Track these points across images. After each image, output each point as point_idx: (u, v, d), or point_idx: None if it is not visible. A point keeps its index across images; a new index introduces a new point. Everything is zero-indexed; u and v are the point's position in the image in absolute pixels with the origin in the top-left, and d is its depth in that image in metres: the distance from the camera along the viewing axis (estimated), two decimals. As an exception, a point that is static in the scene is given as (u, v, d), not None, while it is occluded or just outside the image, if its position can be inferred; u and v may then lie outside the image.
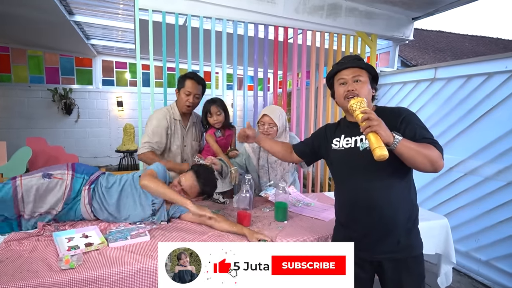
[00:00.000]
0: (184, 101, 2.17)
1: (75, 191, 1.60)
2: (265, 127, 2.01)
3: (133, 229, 1.55)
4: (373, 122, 1.13)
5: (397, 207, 1.28)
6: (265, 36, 3.12)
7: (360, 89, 1.30)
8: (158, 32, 2.84)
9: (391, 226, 1.28)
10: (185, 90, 2.16)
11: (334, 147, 1.41)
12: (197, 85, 2.17)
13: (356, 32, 3.33)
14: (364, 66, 1.32)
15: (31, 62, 6.00)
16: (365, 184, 1.29)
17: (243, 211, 1.68)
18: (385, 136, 1.12)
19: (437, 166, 1.17)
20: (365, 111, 1.16)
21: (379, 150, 1.09)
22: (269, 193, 2.12)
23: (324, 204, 2.12)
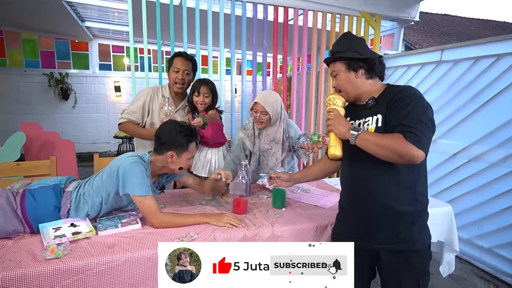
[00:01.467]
0: (173, 78, 2.08)
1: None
2: (257, 115, 1.94)
3: (124, 217, 1.49)
4: (329, 122, 1.20)
5: (395, 197, 1.20)
6: (264, 18, 2.99)
7: (338, 83, 1.29)
8: (152, 13, 2.71)
9: (389, 215, 1.22)
10: (173, 67, 2.08)
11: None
12: (185, 61, 2.08)
13: (360, 13, 3.19)
14: (334, 59, 1.28)
15: (26, 45, 5.86)
16: (363, 170, 1.25)
17: (239, 198, 1.61)
18: (338, 134, 1.18)
19: (408, 158, 1.07)
20: (330, 110, 1.24)
21: (332, 149, 1.18)
22: (265, 181, 2.04)
23: (323, 190, 2.06)
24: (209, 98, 2.12)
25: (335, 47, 1.30)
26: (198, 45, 2.86)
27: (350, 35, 1.32)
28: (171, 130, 1.49)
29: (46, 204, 1.37)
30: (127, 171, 1.39)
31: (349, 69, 1.25)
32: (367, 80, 1.26)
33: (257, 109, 1.93)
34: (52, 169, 2.10)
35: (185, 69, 2.07)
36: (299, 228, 1.47)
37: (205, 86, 2.10)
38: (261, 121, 1.94)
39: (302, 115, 3.25)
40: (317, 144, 1.73)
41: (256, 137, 2.06)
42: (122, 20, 4.72)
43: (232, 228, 1.44)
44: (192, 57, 2.13)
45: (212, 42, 2.88)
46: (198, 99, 2.11)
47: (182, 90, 2.14)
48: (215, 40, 2.88)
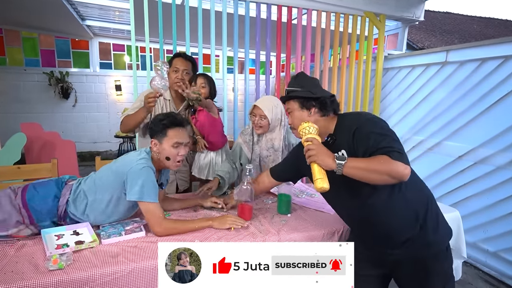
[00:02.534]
0: (173, 78, 2.03)
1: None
2: (256, 119, 1.89)
3: (128, 223, 1.46)
4: (310, 152, 1.12)
5: (397, 213, 1.18)
6: (267, 17, 2.95)
7: (293, 121, 1.31)
8: (154, 12, 2.68)
9: (400, 232, 1.19)
10: (173, 67, 2.04)
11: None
12: (184, 61, 2.04)
13: (364, 12, 3.15)
14: (288, 97, 1.31)
15: (26, 44, 5.82)
16: (353, 202, 1.23)
17: (244, 204, 1.59)
18: (324, 165, 1.10)
19: (399, 177, 1.06)
20: (307, 139, 1.16)
21: (319, 182, 1.08)
22: (271, 185, 2.02)
23: (329, 195, 2.03)
24: (206, 89, 2.09)
25: (290, 85, 1.33)
26: (201, 44, 2.82)
27: (303, 75, 1.35)
28: (155, 119, 1.50)
29: (46, 193, 1.38)
30: (137, 177, 1.36)
31: (302, 107, 1.28)
32: (320, 118, 1.27)
33: (256, 113, 1.89)
34: (53, 172, 2.07)
35: (185, 69, 2.03)
36: (306, 236, 1.45)
37: (202, 77, 2.10)
38: (259, 125, 1.89)
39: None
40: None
41: (255, 144, 2.01)
42: (123, 18, 4.67)
43: (238, 229, 1.44)
44: (192, 58, 2.09)
45: (215, 41, 2.85)
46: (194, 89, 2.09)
47: (180, 89, 2.05)
48: (217, 39, 2.84)
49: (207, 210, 1.70)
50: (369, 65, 3.28)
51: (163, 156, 1.46)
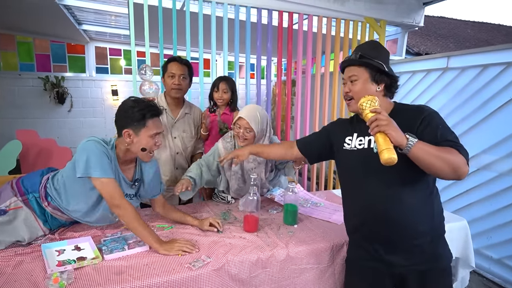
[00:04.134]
0: (169, 84, 1.99)
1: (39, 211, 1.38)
2: (241, 131, 1.75)
3: (129, 237, 1.41)
4: (381, 122, 1.01)
5: (419, 215, 1.15)
6: (268, 22, 2.92)
7: (354, 90, 1.19)
8: (154, 17, 2.64)
9: (413, 236, 1.16)
10: (168, 73, 1.98)
11: (346, 146, 1.27)
12: (180, 65, 1.98)
13: (365, 18, 3.14)
14: (360, 62, 1.18)
15: (20, 48, 5.73)
16: (380, 190, 1.16)
17: (250, 215, 1.54)
18: (395, 137, 1.00)
19: (460, 173, 1.03)
20: (375, 110, 1.05)
21: (387, 152, 0.98)
22: (274, 194, 1.99)
23: (333, 203, 1.99)
24: (228, 94, 2.14)
25: (361, 50, 1.20)
26: (201, 49, 2.78)
27: (379, 44, 1.24)
28: (124, 106, 1.37)
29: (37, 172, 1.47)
30: (82, 151, 1.29)
31: (372, 79, 1.17)
32: (383, 97, 1.19)
33: (241, 125, 1.74)
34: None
35: (181, 74, 1.98)
36: (315, 249, 1.41)
37: (224, 82, 2.12)
38: (244, 137, 1.76)
39: (306, 119, 3.19)
40: None
41: None
42: (119, 23, 4.62)
43: (245, 241, 1.40)
44: (187, 61, 2.05)
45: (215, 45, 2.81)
46: (217, 95, 2.14)
47: (179, 95, 2.04)
48: (218, 44, 2.81)
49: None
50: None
51: (137, 147, 1.37)
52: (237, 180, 1.90)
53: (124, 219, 1.32)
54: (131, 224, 1.31)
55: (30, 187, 1.39)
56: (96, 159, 1.28)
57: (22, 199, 1.37)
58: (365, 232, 1.24)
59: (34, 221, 1.36)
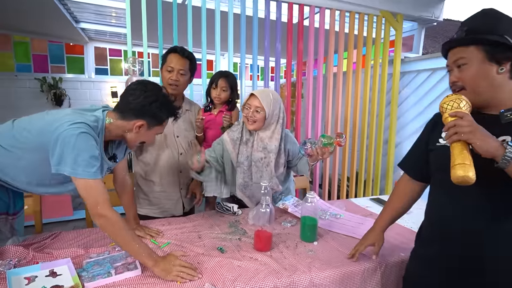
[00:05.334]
0: (166, 79, 1.75)
1: None
2: (250, 111, 1.58)
3: (117, 258, 1.17)
4: (462, 129, 0.77)
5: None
6: (277, 18, 2.69)
7: (465, 76, 0.89)
8: (153, 13, 2.42)
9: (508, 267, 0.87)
10: (166, 66, 1.74)
11: (441, 142, 0.98)
12: (181, 58, 1.74)
13: (380, 12, 2.91)
14: (467, 41, 0.89)
15: (17, 48, 5.54)
16: (478, 206, 0.88)
17: (263, 231, 1.30)
18: (483, 146, 0.75)
19: None
20: (456, 114, 0.80)
21: (460, 169, 0.75)
22: (288, 204, 1.74)
23: (355, 215, 1.74)
24: (227, 93, 1.92)
25: (469, 24, 0.92)
26: (205, 48, 2.56)
27: (494, 11, 0.92)
28: (151, 96, 1.18)
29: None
30: (70, 144, 1.05)
31: (490, 59, 0.87)
32: (510, 81, 0.88)
33: (251, 104, 1.59)
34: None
35: (180, 69, 1.73)
36: (343, 273, 1.16)
37: (224, 79, 1.89)
38: (253, 119, 1.58)
39: (318, 121, 2.95)
40: (328, 147, 1.43)
41: (243, 143, 1.68)
42: (120, 21, 4.42)
43: (257, 264, 1.15)
44: (190, 54, 1.80)
45: (220, 44, 2.59)
46: (214, 92, 1.92)
47: (175, 92, 1.79)
48: (223, 43, 2.59)
49: (220, 234, 1.41)
50: (385, 69, 3.03)
51: (138, 138, 1.24)
52: (242, 173, 1.67)
53: (108, 230, 1.09)
54: (118, 236, 1.09)
55: None
56: (86, 157, 1.06)
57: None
58: (449, 258, 0.95)
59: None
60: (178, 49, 1.76)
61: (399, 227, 1.54)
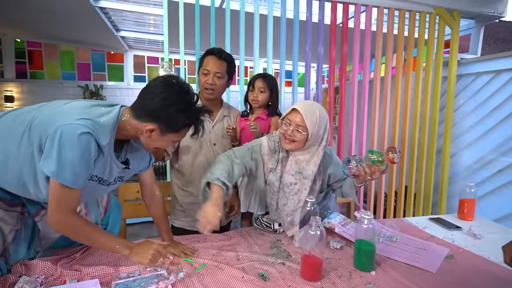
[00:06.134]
0: (202, 82, 1.64)
1: None
2: (290, 128, 1.34)
3: (148, 281, 1.04)
4: None
5: None
6: (320, 20, 2.51)
7: None
8: (190, 18, 2.35)
9: None
10: (203, 69, 1.64)
11: None
12: (218, 60, 1.62)
13: (434, 9, 2.64)
14: None
15: (63, 58, 5.84)
16: None
17: (311, 255, 1.12)
18: None
19: None
20: None
21: None
22: (334, 222, 1.54)
23: (413, 238, 1.51)
24: (265, 94, 1.77)
25: None
26: (243, 54, 2.44)
27: None
28: (170, 98, 1.02)
29: None
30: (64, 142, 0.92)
31: None
32: None
33: (292, 121, 1.34)
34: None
35: (217, 72, 1.62)
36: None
37: (261, 79, 1.75)
38: (292, 139, 1.35)
39: (363, 133, 2.72)
40: (378, 165, 1.22)
41: (279, 162, 1.46)
42: (158, 28, 4.48)
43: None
44: (228, 56, 1.67)
45: (258, 50, 2.46)
46: (251, 94, 1.78)
47: (212, 97, 1.68)
48: (262, 48, 2.46)
49: (261, 256, 1.25)
50: (439, 71, 2.74)
51: (150, 144, 1.10)
52: (272, 193, 1.48)
53: (73, 237, 1.02)
54: (84, 241, 1.05)
55: None
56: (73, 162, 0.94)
57: None
58: None
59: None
60: (215, 51, 1.66)
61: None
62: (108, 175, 1.11)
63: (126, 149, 1.18)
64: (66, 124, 0.93)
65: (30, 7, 3.27)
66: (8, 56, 5.42)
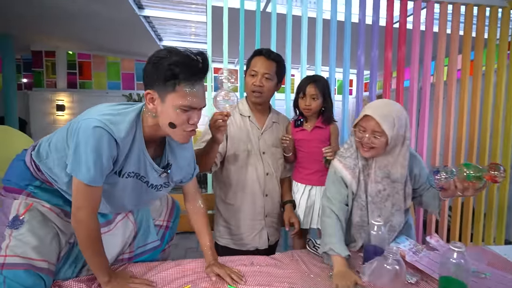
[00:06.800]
0: (249, 85, 1.51)
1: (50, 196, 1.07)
2: (366, 135, 1.23)
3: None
4: None
5: None
6: (374, 21, 2.27)
7: None
8: (233, 24, 2.24)
9: None
10: (250, 70, 1.51)
11: None
12: (266, 61, 1.49)
13: (509, 3, 2.31)
14: None
15: (110, 68, 6.11)
16: None
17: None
18: None
19: None
20: None
21: None
22: (404, 249, 1.31)
23: (506, 275, 1.22)
24: (318, 101, 1.56)
25: None
26: (289, 59, 2.27)
27: None
28: (159, 56, 0.94)
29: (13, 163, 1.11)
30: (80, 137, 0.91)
31: None
32: None
33: (367, 127, 1.23)
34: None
35: (265, 72, 1.48)
36: None
37: (312, 84, 1.55)
38: (371, 145, 1.23)
39: (437, 142, 2.41)
40: (475, 182, 1.02)
41: (361, 172, 1.32)
42: (199, 37, 4.50)
43: None
44: (278, 56, 1.53)
45: (306, 57, 2.29)
46: (302, 102, 1.58)
47: (259, 100, 1.53)
48: (310, 55, 2.28)
49: None
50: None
51: (164, 120, 0.98)
52: (359, 209, 1.32)
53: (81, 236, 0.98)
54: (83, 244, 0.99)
55: (21, 180, 1.05)
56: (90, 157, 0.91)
57: (25, 194, 1.04)
58: None
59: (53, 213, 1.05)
60: (263, 51, 1.52)
61: None
62: (144, 172, 1.06)
63: (166, 153, 1.13)
64: (85, 119, 0.93)
65: (80, 19, 3.40)
66: (60, 68, 5.76)
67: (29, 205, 1.01)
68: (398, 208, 1.32)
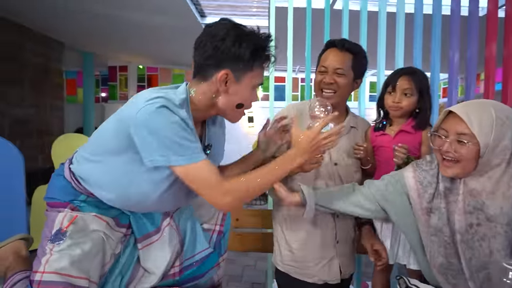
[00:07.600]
0: (317, 82, 1.24)
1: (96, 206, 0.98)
2: (447, 141, 0.88)
3: None
4: None
5: None
6: (471, 11, 1.84)
7: None
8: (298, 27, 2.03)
9: None
10: (319, 67, 1.25)
11: None
12: (339, 53, 1.22)
13: None
14: None
15: (175, 80, 6.38)
16: None
17: None
18: None
19: None
20: None
21: None
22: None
23: None
24: (412, 99, 1.24)
25: None
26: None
27: None
28: (228, 31, 0.87)
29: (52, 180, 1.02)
30: (149, 126, 0.81)
31: None
32: None
33: (450, 130, 0.89)
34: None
35: (337, 68, 1.20)
36: None
37: (406, 77, 1.24)
38: (456, 158, 0.88)
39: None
40: None
41: (440, 198, 0.96)
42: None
43: None
44: (355, 47, 1.25)
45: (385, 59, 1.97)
46: (390, 98, 1.26)
47: (333, 101, 1.20)
48: (389, 57, 1.95)
49: None
50: None
51: (230, 101, 0.94)
52: (442, 246, 0.95)
53: (236, 201, 0.90)
54: (258, 191, 0.94)
55: (65, 195, 0.96)
56: (178, 138, 0.83)
57: (70, 207, 0.95)
58: None
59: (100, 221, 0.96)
60: (336, 41, 1.25)
61: None
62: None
63: (206, 134, 1.07)
64: (138, 110, 0.82)
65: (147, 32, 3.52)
66: (131, 81, 6.16)
67: (74, 217, 0.93)
68: (496, 258, 0.89)
